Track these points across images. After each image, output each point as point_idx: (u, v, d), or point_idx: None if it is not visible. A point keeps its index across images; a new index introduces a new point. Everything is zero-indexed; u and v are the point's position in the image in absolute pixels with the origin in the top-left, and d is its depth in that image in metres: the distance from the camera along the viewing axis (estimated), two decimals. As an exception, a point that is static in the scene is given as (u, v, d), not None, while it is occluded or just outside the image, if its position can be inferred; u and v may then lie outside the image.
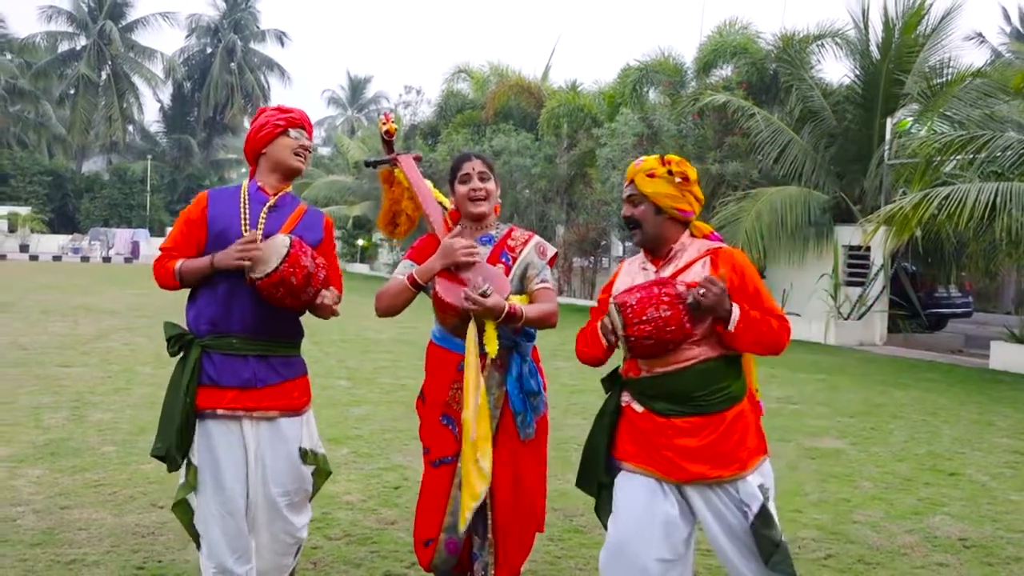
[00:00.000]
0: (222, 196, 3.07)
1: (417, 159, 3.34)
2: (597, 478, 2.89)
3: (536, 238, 3.19)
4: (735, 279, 2.71)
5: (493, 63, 25.74)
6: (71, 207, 41.97)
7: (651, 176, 2.78)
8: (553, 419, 7.50)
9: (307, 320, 3.15)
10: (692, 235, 2.86)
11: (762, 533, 2.66)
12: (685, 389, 2.71)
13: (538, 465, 3.15)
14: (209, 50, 48.90)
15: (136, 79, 45.44)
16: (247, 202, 3.02)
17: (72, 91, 43.56)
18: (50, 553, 3.69)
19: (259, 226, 2.97)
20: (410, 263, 3.10)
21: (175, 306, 3.56)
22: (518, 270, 3.08)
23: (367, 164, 3.39)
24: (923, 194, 9.97)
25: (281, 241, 2.87)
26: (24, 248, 34.47)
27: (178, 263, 2.97)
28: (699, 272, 2.74)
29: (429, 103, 27.52)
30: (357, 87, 58.38)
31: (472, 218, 3.15)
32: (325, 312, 3.04)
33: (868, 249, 13.53)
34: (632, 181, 2.81)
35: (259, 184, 3.06)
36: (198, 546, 3.07)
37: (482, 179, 3.12)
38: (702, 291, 2.59)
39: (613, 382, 2.92)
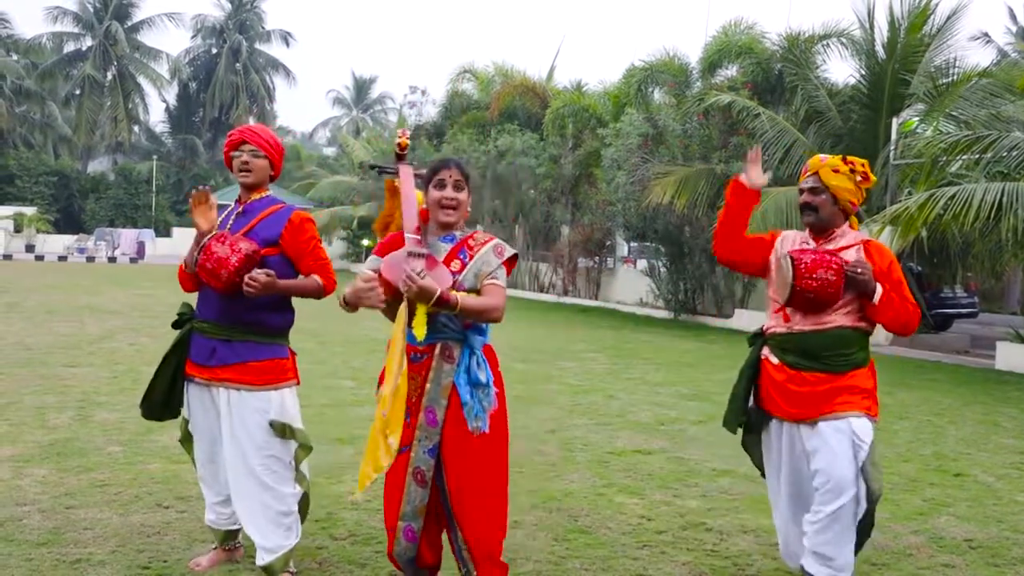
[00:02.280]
0: (222, 212, 3.68)
1: (418, 174, 3.39)
2: (738, 419, 3.58)
3: (496, 240, 3.21)
4: (883, 265, 3.29)
5: (498, 63, 25.82)
6: (76, 207, 41.99)
7: (836, 172, 3.33)
8: (558, 419, 7.45)
9: (312, 320, 3.17)
10: (850, 226, 3.44)
11: (870, 473, 3.20)
12: (816, 347, 3.30)
13: (496, 460, 3.14)
14: (214, 51, 48.92)
15: (142, 79, 45.43)
16: (229, 213, 3.65)
17: (78, 91, 43.57)
18: (56, 552, 3.70)
19: (227, 229, 3.55)
20: (376, 258, 3.17)
21: (178, 307, 3.68)
22: (474, 267, 3.11)
23: (371, 167, 3.82)
24: (929, 194, 9.93)
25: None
26: (30, 248, 34.52)
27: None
28: (853, 255, 3.31)
29: (434, 103, 27.68)
30: (362, 87, 58.35)
31: (441, 225, 3.19)
32: (253, 292, 3.30)
33: (874, 249, 13.46)
34: (817, 173, 3.37)
35: (238, 196, 3.67)
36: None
37: (456, 188, 3.15)
38: (859, 270, 3.21)
39: (756, 338, 3.58)
